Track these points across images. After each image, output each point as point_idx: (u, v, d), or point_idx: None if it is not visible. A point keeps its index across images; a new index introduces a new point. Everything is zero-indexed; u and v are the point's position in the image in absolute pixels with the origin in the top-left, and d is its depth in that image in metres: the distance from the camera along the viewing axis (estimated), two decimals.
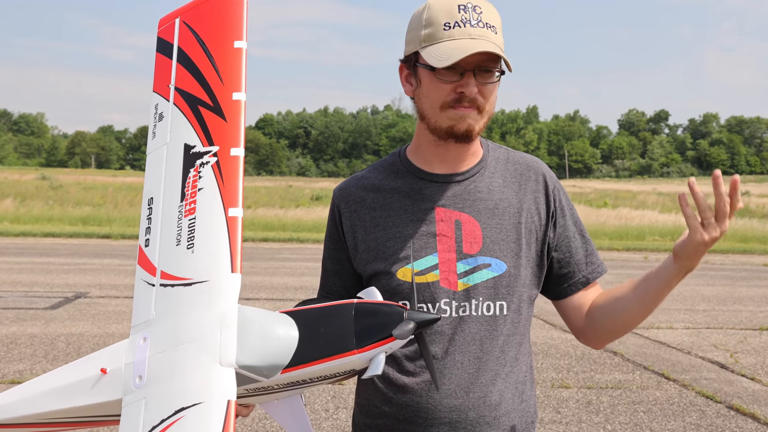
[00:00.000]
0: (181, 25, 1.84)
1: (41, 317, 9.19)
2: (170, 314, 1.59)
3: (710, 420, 6.03)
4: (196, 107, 1.73)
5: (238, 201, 1.63)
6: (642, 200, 40.27)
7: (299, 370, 1.50)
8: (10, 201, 26.42)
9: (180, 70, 1.78)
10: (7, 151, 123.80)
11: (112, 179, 58.38)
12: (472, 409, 1.78)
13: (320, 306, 1.55)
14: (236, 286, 1.54)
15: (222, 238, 1.60)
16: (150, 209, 1.73)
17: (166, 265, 1.66)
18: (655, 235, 23.84)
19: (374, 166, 1.96)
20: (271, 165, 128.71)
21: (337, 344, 1.49)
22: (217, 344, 1.48)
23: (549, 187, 1.89)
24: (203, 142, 1.70)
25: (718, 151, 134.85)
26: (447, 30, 1.69)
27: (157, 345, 1.57)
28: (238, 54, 1.72)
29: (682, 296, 12.31)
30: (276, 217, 25.23)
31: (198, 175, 1.68)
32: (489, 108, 1.78)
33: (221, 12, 1.79)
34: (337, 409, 6.04)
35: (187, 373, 1.48)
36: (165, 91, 1.79)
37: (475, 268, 1.78)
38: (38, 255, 15.46)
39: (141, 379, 1.53)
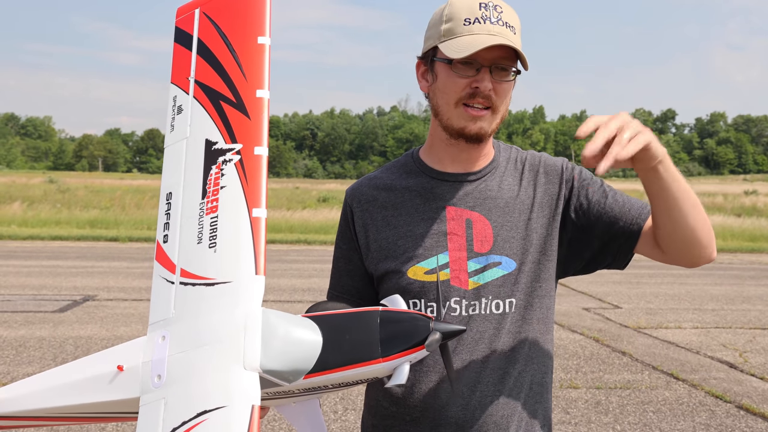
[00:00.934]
0: (201, 16, 1.79)
1: (50, 320, 9.22)
2: (191, 314, 1.57)
3: (720, 420, 6.01)
4: (218, 102, 1.69)
5: (262, 201, 1.60)
6: None
7: (322, 376, 1.48)
8: (18, 205, 26.51)
9: (200, 63, 1.74)
10: (14, 154, 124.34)
11: (119, 182, 58.55)
12: (479, 409, 1.76)
13: (344, 312, 1.53)
14: (260, 288, 1.52)
15: (246, 239, 1.57)
16: (168, 204, 1.69)
17: (186, 263, 1.63)
18: None
19: (387, 167, 1.97)
20: (278, 167, 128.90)
21: (362, 351, 1.47)
22: (241, 347, 1.45)
23: (564, 170, 1.86)
24: (226, 139, 1.67)
25: (725, 150, 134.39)
26: (467, 25, 1.71)
27: (177, 345, 1.54)
28: (261, 50, 1.69)
29: (690, 296, 12.27)
30: (283, 218, 25.25)
31: (220, 172, 1.65)
32: (503, 108, 1.77)
33: (244, 5, 1.75)
34: (346, 411, 6.04)
35: (209, 375, 1.46)
36: (184, 83, 1.76)
37: (485, 266, 1.78)
38: (46, 258, 15.51)
39: (160, 379, 1.51)
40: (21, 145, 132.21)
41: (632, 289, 12.61)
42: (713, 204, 36.67)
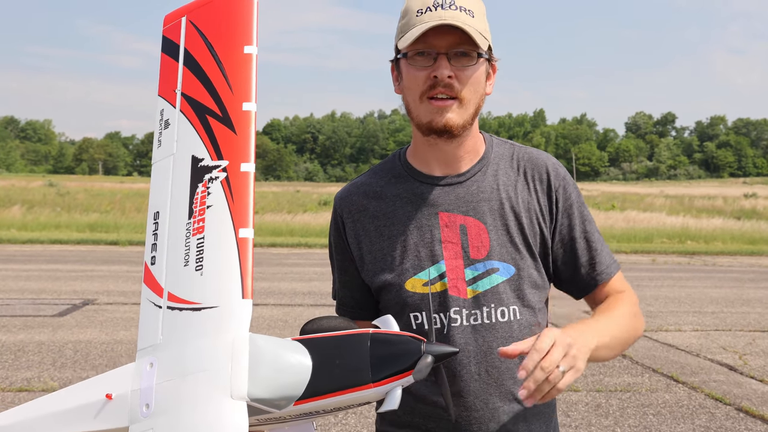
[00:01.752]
0: (188, 24, 1.76)
1: (49, 324, 9.21)
2: (178, 340, 1.54)
3: (720, 422, 6.00)
4: (204, 116, 1.67)
5: (249, 221, 1.57)
6: (650, 203, 40.14)
7: (313, 403, 1.45)
8: (18, 208, 26.52)
9: (187, 75, 1.71)
10: (14, 158, 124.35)
11: (119, 185, 58.59)
12: (493, 420, 1.74)
13: (334, 335, 1.49)
14: (247, 312, 1.49)
15: (232, 261, 1.54)
16: (156, 224, 1.67)
17: (173, 287, 1.60)
18: (663, 237, 23.76)
19: (374, 170, 1.91)
20: (279, 170, 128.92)
21: (352, 377, 1.43)
22: (228, 376, 1.42)
23: (552, 185, 1.80)
24: (212, 155, 1.64)
25: (725, 153, 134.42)
26: (419, 16, 1.67)
27: (165, 372, 1.51)
28: (248, 60, 1.65)
29: (690, 298, 12.26)
30: (284, 222, 25.25)
31: (207, 191, 1.62)
32: (471, 96, 1.70)
33: (230, 13, 1.71)
34: (346, 415, 6.03)
35: (197, 406, 1.43)
36: (171, 96, 1.73)
37: (483, 273, 1.73)
38: (46, 262, 15.51)
39: (148, 408, 1.48)
40: (21, 149, 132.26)
41: None
42: (713, 207, 36.69)
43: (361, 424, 5.83)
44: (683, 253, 21.02)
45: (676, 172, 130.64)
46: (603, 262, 1.82)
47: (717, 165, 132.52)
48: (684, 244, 22.92)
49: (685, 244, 22.93)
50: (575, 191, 1.83)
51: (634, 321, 1.78)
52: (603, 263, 1.82)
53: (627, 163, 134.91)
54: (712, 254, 20.92)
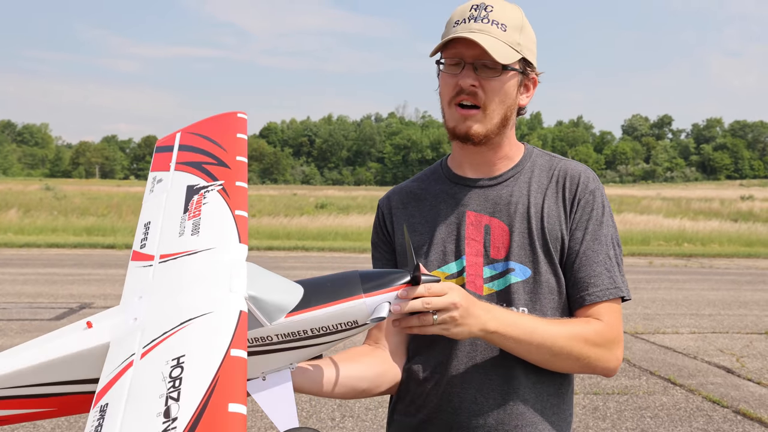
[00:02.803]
0: (183, 133, 1.97)
1: (46, 328, 9.19)
2: (173, 275, 1.54)
3: (717, 425, 6.01)
4: (200, 165, 1.80)
5: (245, 207, 1.66)
6: (646, 205, 40.19)
7: (304, 314, 1.51)
8: (15, 212, 26.48)
9: (181, 153, 1.87)
10: (11, 161, 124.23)
11: (116, 189, 58.50)
12: (492, 416, 1.77)
13: (325, 275, 1.62)
14: (244, 252, 1.55)
15: (229, 225, 1.61)
16: (147, 228, 1.73)
17: (166, 250, 1.62)
18: (660, 240, 23.80)
19: (419, 176, 2.03)
20: (276, 173, 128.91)
21: (344, 291, 1.53)
22: (228, 278, 1.45)
23: (577, 195, 1.82)
24: (206, 180, 1.74)
25: (721, 155, 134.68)
26: (454, 27, 1.77)
27: (157, 297, 1.49)
28: (241, 141, 1.85)
29: (687, 301, 12.27)
30: (281, 225, 25.24)
31: (203, 198, 1.69)
32: (495, 107, 1.77)
33: (223, 120, 1.98)
34: (344, 418, 6.03)
35: (195, 295, 1.43)
36: (165, 168, 1.87)
37: (500, 273, 1.79)
38: (42, 266, 15.49)
39: (136, 320, 1.45)
40: (17, 153, 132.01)
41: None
42: (710, 209, 36.73)
43: (358, 428, 5.82)
44: (680, 255, 21.05)
45: (673, 174, 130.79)
46: (598, 285, 1.77)
47: (714, 167, 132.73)
48: (681, 246, 22.96)
49: (682, 246, 22.97)
50: (599, 208, 1.81)
51: (584, 346, 1.72)
52: (598, 285, 1.77)
53: (623, 165, 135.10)
54: (709, 256, 20.95)
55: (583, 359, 1.73)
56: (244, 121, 1.98)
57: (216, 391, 1.15)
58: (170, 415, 1.14)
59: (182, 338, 1.31)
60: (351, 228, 24.35)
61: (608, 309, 1.77)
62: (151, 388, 1.22)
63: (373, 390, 1.85)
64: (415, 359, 1.87)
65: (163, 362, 1.26)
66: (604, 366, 1.77)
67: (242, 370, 1.22)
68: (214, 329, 1.30)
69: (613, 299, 1.77)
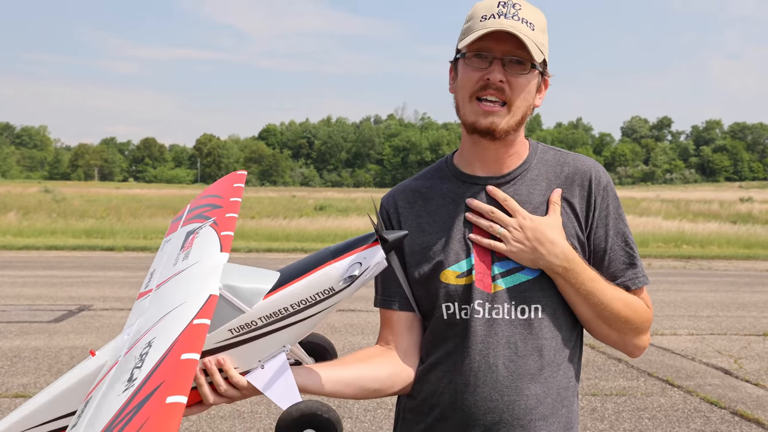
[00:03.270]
0: (192, 201, 2.28)
1: (45, 330, 9.20)
2: (163, 294, 1.67)
3: (714, 426, 6.02)
4: (201, 215, 2.03)
5: (232, 228, 1.81)
6: (645, 207, 40.21)
7: (280, 292, 1.58)
8: (14, 214, 26.48)
9: (188, 215, 2.13)
10: (9, 164, 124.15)
11: (115, 191, 58.52)
12: (507, 411, 1.78)
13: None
14: (224, 257, 1.67)
15: (214, 243, 1.74)
16: (151, 275, 1.94)
17: (161, 279, 1.78)
18: (659, 241, 23.83)
19: (423, 174, 2.01)
20: (275, 175, 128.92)
21: (315, 262, 1.62)
22: (203, 277, 1.58)
23: (593, 193, 1.85)
24: (201, 222, 1.95)
25: (721, 157, 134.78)
26: (482, 21, 1.76)
27: (148, 313, 1.64)
28: (237, 188, 2.10)
29: (686, 302, 12.29)
30: (280, 227, 25.24)
31: (197, 235, 1.87)
32: (520, 104, 1.79)
33: (225, 179, 2.29)
34: (342, 419, 6.03)
35: (175, 297, 1.57)
36: (174, 230, 2.12)
37: (508, 271, 1.80)
38: (42, 268, 15.49)
39: (130, 335, 1.60)
40: (16, 155, 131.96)
41: None
42: (709, 211, 36.77)
43: (357, 429, 5.83)
44: (679, 257, 21.07)
45: (672, 176, 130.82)
46: (628, 275, 1.87)
47: (713, 169, 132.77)
48: (680, 248, 22.98)
49: (681, 248, 23.00)
50: (614, 202, 1.88)
51: (633, 315, 1.82)
52: (628, 276, 1.87)
53: (623, 167, 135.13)
54: (707, 258, 20.97)
55: (626, 328, 1.83)
56: (243, 175, 2.25)
57: (174, 348, 1.27)
58: (132, 379, 1.28)
59: (157, 327, 1.46)
60: (350, 230, 24.35)
61: (644, 297, 1.88)
62: (124, 370, 1.37)
63: (386, 390, 1.87)
64: (428, 359, 1.88)
65: (139, 349, 1.41)
66: (637, 343, 1.88)
67: (202, 332, 1.34)
68: (184, 312, 1.43)
69: (643, 287, 1.88)
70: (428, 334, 1.89)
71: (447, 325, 1.83)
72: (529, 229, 1.76)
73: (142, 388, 1.21)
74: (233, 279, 1.58)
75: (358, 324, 9.70)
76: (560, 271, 1.76)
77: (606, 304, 1.78)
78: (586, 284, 1.76)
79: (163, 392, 1.14)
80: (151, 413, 1.11)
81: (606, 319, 1.81)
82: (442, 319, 1.83)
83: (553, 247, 1.75)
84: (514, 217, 1.78)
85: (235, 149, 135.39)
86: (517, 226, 1.77)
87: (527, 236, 1.76)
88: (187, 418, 6.00)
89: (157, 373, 1.21)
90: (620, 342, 1.86)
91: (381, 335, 1.95)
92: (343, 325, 9.57)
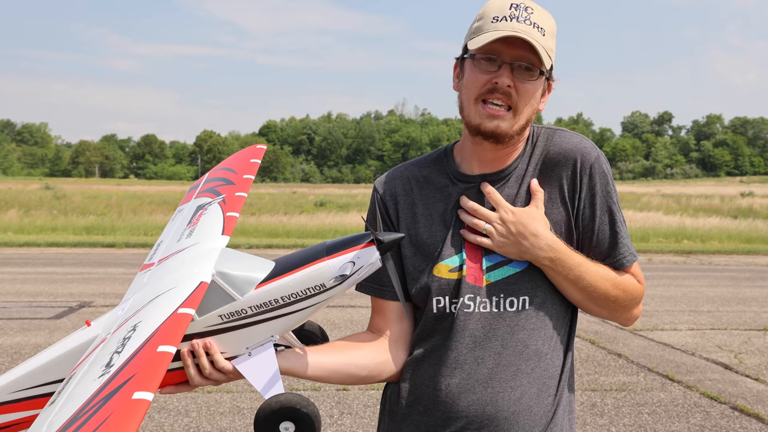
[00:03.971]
0: (210, 171, 2.28)
1: (45, 327, 9.21)
2: (161, 272, 1.70)
3: (715, 421, 6.02)
4: (213, 189, 2.05)
5: (237, 209, 1.82)
6: (646, 202, 40.20)
7: (272, 284, 1.59)
8: (15, 211, 26.49)
9: (204, 186, 2.16)
10: (10, 161, 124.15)
11: (116, 188, 58.51)
12: (490, 404, 1.79)
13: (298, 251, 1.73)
14: (224, 240, 1.69)
15: (217, 224, 1.77)
16: (157, 246, 1.95)
17: (163, 255, 1.80)
18: (659, 236, 23.81)
19: (421, 160, 2.00)
20: (275, 171, 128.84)
21: (310, 257, 1.63)
22: (199, 262, 1.60)
23: (578, 172, 1.84)
24: (211, 197, 1.96)
25: (722, 152, 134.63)
26: (494, 23, 1.75)
27: (144, 290, 1.66)
28: (253, 164, 2.10)
29: (686, 297, 12.29)
30: (280, 223, 25.24)
31: (205, 211, 1.89)
32: (526, 110, 1.78)
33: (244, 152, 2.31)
34: (342, 415, 6.04)
35: (168, 279, 1.60)
36: (188, 200, 2.14)
37: (497, 264, 1.81)
38: (42, 265, 15.50)
39: (123, 311, 1.62)
40: (17, 152, 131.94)
41: None
42: (710, 206, 36.76)
43: (356, 424, 5.84)
44: (679, 252, 21.05)
45: (673, 171, 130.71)
46: (617, 255, 1.87)
47: (714, 164, 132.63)
48: (680, 243, 22.96)
49: (681, 243, 22.98)
50: (602, 179, 1.85)
51: (620, 293, 1.85)
52: (617, 256, 1.87)
53: (623, 162, 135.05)
54: (708, 253, 20.95)
55: (616, 306, 1.86)
56: (262, 150, 2.26)
57: (152, 339, 1.30)
58: (110, 364, 1.30)
59: (145, 310, 1.48)
60: (350, 226, 24.35)
61: (634, 272, 1.90)
62: (107, 351, 1.40)
63: (374, 378, 1.90)
64: (414, 351, 1.89)
65: (125, 331, 1.44)
66: (628, 317, 1.92)
67: (184, 323, 1.36)
68: (172, 298, 1.46)
69: (633, 263, 1.89)
70: (417, 327, 1.90)
71: (436, 319, 1.85)
72: (511, 223, 1.78)
73: (114, 379, 1.23)
74: (228, 266, 1.60)
75: (359, 320, 9.71)
76: (546, 262, 1.78)
77: (594, 287, 1.81)
78: (574, 270, 1.78)
79: (132, 387, 1.17)
80: (115, 408, 1.14)
81: (596, 300, 1.84)
82: (432, 313, 1.85)
83: (536, 239, 1.76)
84: (496, 212, 1.80)
85: (236, 146, 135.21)
86: (500, 220, 1.79)
87: (510, 230, 1.77)
88: (186, 413, 6.01)
89: (132, 364, 1.24)
90: (612, 317, 1.92)
91: (372, 322, 1.97)
92: (343, 321, 9.57)
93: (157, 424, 5.81)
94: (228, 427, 5.74)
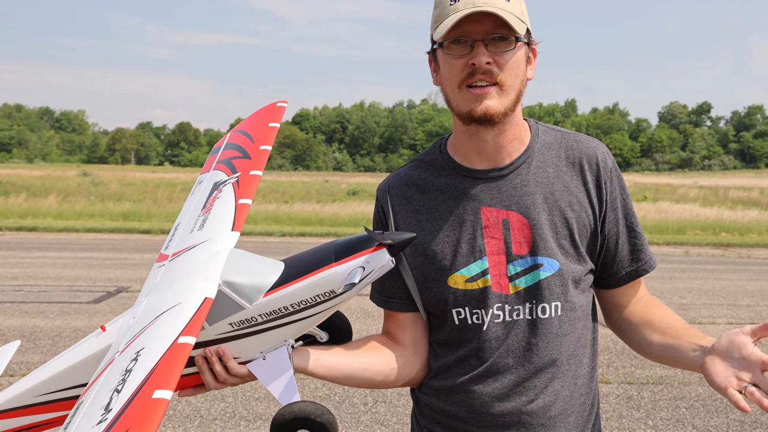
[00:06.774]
0: (231, 132, 2.17)
1: (85, 311, 9.37)
2: (171, 274, 1.69)
3: (755, 417, 5.93)
4: (229, 162, 1.98)
5: (250, 194, 1.79)
6: (683, 194, 39.57)
7: (281, 291, 1.57)
8: (54, 197, 26.96)
9: (223, 152, 2.09)
10: (50, 148, 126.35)
11: (151, 175, 59.21)
12: (525, 412, 1.74)
13: (305, 251, 1.69)
14: (233, 238, 1.67)
15: (228, 215, 1.74)
16: (174, 230, 1.91)
17: (176, 248, 1.78)
18: (696, 229, 23.42)
19: (416, 163, 1.88)
20: (308, 160, 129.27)
21: (318, 262, 1.59)
22: (206, 268, 1.58)
23: (602, 177, 1.77)
24: (228, 173, 1.92)
25: (762, 143, 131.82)
26: (452, 4, 1.65)
27: (154, 295, 1.65)
28: (272, 130, 2.01)
29: (725, 291, 12.09)
30: (313, 211, 25.34)
31: (219, 192, 1.86)
32: (512, 81, 1.67)
33: (263, 112, 2.17)
34: (376, 403, 6.06)
35: (175, 289, 1.57)
36: (208, 169, 2.08)
37: (526, 269, 1.73)
38: (81, 250, 15.76)
39: (134, 319, 1.61)
40: (56, 139, 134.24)
41: (665, 284, 12.46)
42: (749, 198, 36.06)
43: (390, 413, 5.85)
44: (717, 245, 20.70)
45: (711, 162, 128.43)
46: (646, 256, 1.85)
47: (753, 155, 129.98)
48: (718, 236, 22.57)
49: (719, 235, 22.59)
50: (621, 183, 1.82)
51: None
52: (643, 258, 1.84)
53: (660, 153, 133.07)
54: (747, 246, 20.57)
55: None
56: (282, 109, 2.09)
57: (150, 380, 1.28)
58: (109, 407, 1.28)
59: (149, 332, 1.46)
60: None
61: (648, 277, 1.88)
62: (110, 383, 1.37)
63: (389, 383, 1.85)
64: (440, 361, 1.82)
65: (128, 357, 1.41)
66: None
67: (183, 355, 1.34)
68: (175, 319, 1.43)
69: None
70: (438, 337, 1.82)
71: (459, 330, 1.77)
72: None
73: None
74: (235, 273, 1.58)
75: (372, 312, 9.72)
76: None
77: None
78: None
79: None
80: None
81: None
82: (454, 324, 1.77)
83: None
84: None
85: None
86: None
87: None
88: (222, 398, 6.07)
89: (126, 414, 1.22)
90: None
91: (385, 327, 1.91)
92: (357, 312, 9.59)
93: (194, 408, 5.88)
94: (263, 413, 5.79)
